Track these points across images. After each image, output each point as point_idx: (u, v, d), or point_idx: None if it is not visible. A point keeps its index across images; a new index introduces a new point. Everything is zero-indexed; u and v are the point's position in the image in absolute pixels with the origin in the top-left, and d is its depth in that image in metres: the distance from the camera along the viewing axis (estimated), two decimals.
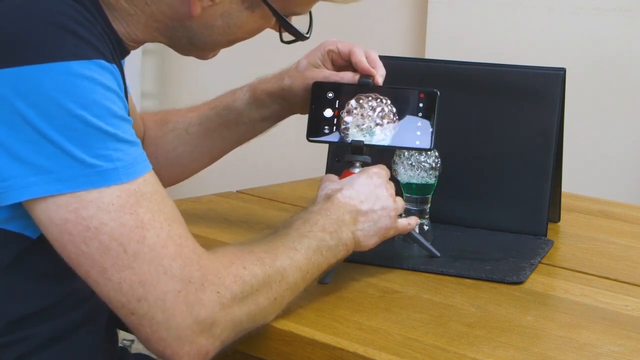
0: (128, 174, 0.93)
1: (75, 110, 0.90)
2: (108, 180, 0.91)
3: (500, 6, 2.36)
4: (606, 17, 2.26)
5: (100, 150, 0.91)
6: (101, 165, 0.91)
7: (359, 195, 1.15)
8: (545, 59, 2.19)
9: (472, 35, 2.39)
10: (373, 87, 1.27)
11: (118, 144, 0.93)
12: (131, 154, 0.94)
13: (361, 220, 1.15)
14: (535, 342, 1.04)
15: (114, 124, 0.93)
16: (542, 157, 1.44)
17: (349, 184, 1.17)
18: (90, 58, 0.92)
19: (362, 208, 1.15)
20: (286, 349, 1.04)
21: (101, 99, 0.92)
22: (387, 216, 1.17)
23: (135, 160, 0.94)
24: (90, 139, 0.91)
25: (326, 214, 1.12)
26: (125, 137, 0.94)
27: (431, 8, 2.42)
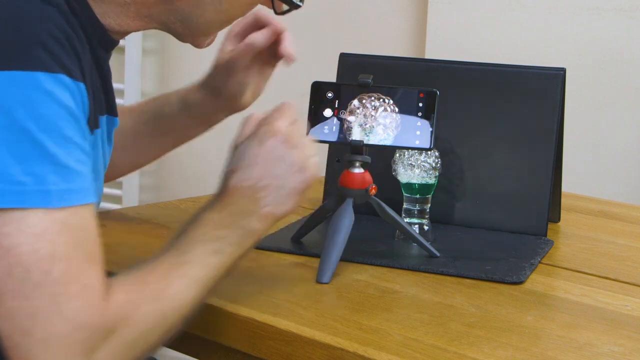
0: (58, 200, 0.89)
1: (23, 121, 0.87)
2: (36, 202, 0.87)
3: (500, 6, 2.36)
4: (606, 17, 2.26)
5: (35, 168, 0.87)
6: (32, 185, 0.87)
7: (256, 172, 1.08)
8: (545, 59, 2.19)
9: (472, 35, 2.39)
10: (373, 87, 1.27)
11: (57, 167, 0.89)
12: (70, 180, 0.90)
13: (263, 196, 1.07)
14: (535, 342, 1.04)
15: (60, 144, 0.89)
16: (542, 157, 1.44)
17: (243, 159, 1.09)
18: (53, 72, 0.90)
19: (260, 184, 1.07)
20: (286, 349, 1.04)
21: (53, 116, 0.89)
22: (297, 171, 1.09)
23: (72, 189, 0.90)
24: (29, 154, 0.87)
25: (221, 208, 1.06)
26: (67, 161, 0.90)
27: (431, 8, 2.42)
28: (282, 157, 1.09)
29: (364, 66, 1.53)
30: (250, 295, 1.14)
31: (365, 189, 1.25)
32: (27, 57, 0.89)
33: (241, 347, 1.09)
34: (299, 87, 1.70)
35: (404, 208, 1.36)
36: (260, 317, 1.07)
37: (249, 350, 1.08)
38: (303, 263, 1.27)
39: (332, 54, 1.59)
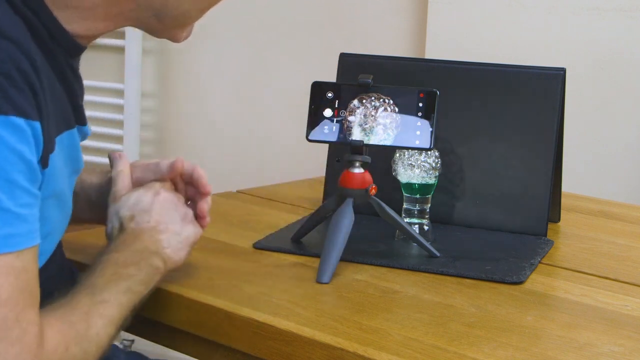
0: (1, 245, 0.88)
1: None
2: None
3: (500, 6, 2.35)
4: (606, 17, 2.25)
5: None
6: None
7: (154, 216, 1.12)
8: (545, 59, 2.19)
9: (472, 35, 2.39)
10: (373, 87, 1.27)
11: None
12: (11, 225, 0.89)
13: (163, 238, 1.12)
14: (535, 342, 1.04)
15: (3, 189, 0.88)
16: (542, 157, 1.44)
17: (139, 207, 1.13)
18: (4, 114, 0.87)
19: (160, 228, 1.12)
20: (286, 349, 1.04)
21: None
22: (190, 223, 1.15)
23: (14, 234, 0.89)
24: None
25: (124, 248, 1.08)
26: (9, 206, 0.88)
27: (431, 8, 2.42)
28: (176, 208, 1.15)
29: (364, 66, 1.53)
30: (250, 295, 1.14)
31: (365, 189, 1.25)
32: None
33: (241, 347, 1.09)
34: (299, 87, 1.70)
35: (404, 208, 1.36)
36: (260, 317, 1.07)
37: (249, 350, 1.08)
38: (303, 263, 1.27)
39: (332, 54, 1.59)
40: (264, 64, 2.71)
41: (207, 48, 2.74)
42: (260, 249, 1.32)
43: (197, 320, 1.13)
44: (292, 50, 2.67)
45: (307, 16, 2.64)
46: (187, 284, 1.16)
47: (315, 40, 2.62)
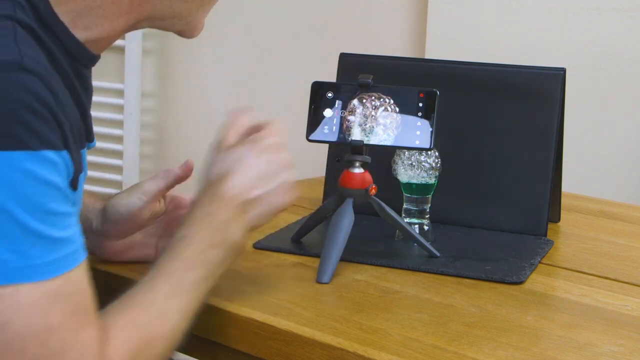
0: (47, 272, 0.89)
1: (4, 203, 0.86)
2: (23, 277, 0.87)
3: (500, 6, 2.35)
4: (606, 17, 2.25)
5: (19, 246, 0.87)
6: (16, 262, 0.87)
7: (249, 182, 1.07)
8: (545, 59, 2.19)
9: (472, 35, 2.39)
10: (373, 87, 1.27)
11: (41, 240, 0.88)
12: (56, 251, 0.90)
13: (250, 210, 1.08)
14: (535, 342, 1.04)
15: (43, 219, 0.89)
16: (542, 157, 1.44)
17: (239, 165, 1.08)
18: (33, 149, 0.88)
19: (250, 196, 1.07)
20: (286, 349, 1.04)
21: (34, 194, 0.88)
22: (284, 193, 1.10)
23: (59, 258, 0.90)
24: (11, 234, 0.87)
25: (210, 221, 1.05)
26: (52, 233, 0.89)
27: (431, 8, 2.42)
28: (276, 175, 1.10)
29: (364, 66, 1.52)
30: (250, 295, 1.14)
31: (365, 189, 1.25)
32: (6, 137, 0.87)
33: (241, 347, 1.09)
34: (299, 87, 1.70)
35: (404, 208, 1.36)
36: (260, 317, 1.07)
37: (249, 350, 1.08)
38: (303, 263, 1.27)
39: (332, 54, 1.59)
40: (264, 64, 2.71)
41: (207, 48, 2.74)
42: (260, 249, 1.32)
43: (197, 320, 1.12)
44: (292, 50, 2.67)
45: (308, 16, 2.64)
46: None
47: (316, 40, 2.62)
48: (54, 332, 0.89)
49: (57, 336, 0.89)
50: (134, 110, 2.82)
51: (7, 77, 0.88)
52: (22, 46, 0.92)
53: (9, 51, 0.90)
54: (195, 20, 1.12)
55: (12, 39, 0.92)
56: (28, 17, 0.96)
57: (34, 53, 0.94)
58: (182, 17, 1.10)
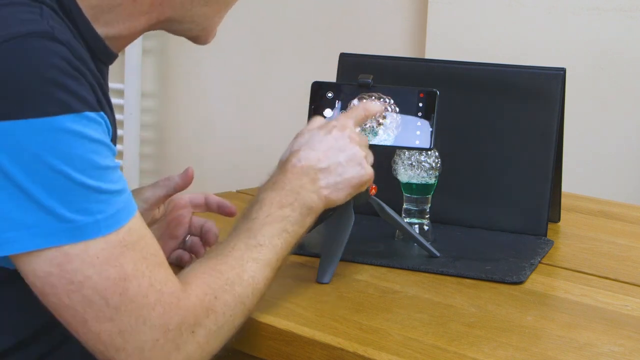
0: (110, 225, 0.92)
1: (58, 166, 0.90)
2: (90, 234, 0.91)
3: (500, 6, 2.36)
4: (606, 17, 2.25)
5: (81, 205, 0.91)
6: (82, 220, 0.91)
7: (317, 154, 1.13)
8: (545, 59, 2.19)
9: (472, 35, 2.39)
10: (373, 87, 1.27)
11: (100, 196, 0.92)
12: (114, 203, 0.93)
13: (321, 177, 1.13)
14: (535, 342, 1.04)
15: (97, 176, 0.92)
16: (542, 157, 1.44)
17: (307, 143, 1.15)
18: (78, 111, 0.91)
19: (320, 166, 1.13)
20: (286, 349, 1.04)
21: (85, 153, 0.91)
22: (356, 164, 1.15)
23: (118, 210, 0.93)
24: (72, 195, 0.90)
25: (281, 186, 1.11)
26: (108, 187, 0.93)
27: (431, 8, 2.42)
28: (344, 149, 1.15)
29: (364, 66, 1.52)
30: None
31: (365, 189, 1.25)
32: (48, 102, 0.90)
33: (241, 347, 1.09)
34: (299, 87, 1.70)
35: (404, 208, 1.36)
36: (260, 317, 1.07)
37: (249, 350, 1.08)
38: (303, 263, 1.27)
39: (332, 54, 1.59)
40: (264, 64, 2.71)
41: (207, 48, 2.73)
42: None
43: None
44: (292, 50, 2.67)
45: (308, 16, 2.64)
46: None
47: (315, 40, 2.62)
48: (129, 279, 0.92)
49: (134, 282, 0.93)
50: (134, 110, 2.82)
51: (42, 46, 0.91)
52: (50, 20, 0.95)
53: (39, 24, 0.93)
54: (211, 26, 1.15)
55: (39, 15, 0.95)
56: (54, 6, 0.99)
57: (62, 28, 0.97)
58: (200, 22, 1.13)
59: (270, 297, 1.13)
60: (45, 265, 0.90)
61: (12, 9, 0.95)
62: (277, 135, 2.71)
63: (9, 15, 0.94)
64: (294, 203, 1.10)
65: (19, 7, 0.95)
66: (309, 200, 1.11)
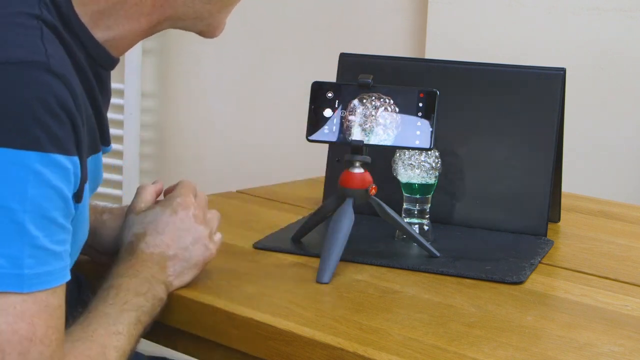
0: (36, 284, 0.89)
1: (7, 201, 0.87)
2: (13, 286, 0.88)
3: (500, 6, 2.35)
4: (606, 17, 2.25)
5: (13, 251, 0.87)
6: (8, 268, 0.87)
7: (165, 240, 1.13)
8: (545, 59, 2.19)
9: (472, 35, 2.39)
10: (373, 87, 1.27)
11: (34, 250, 0.89)
12: (46, 263, 0.90)
13: (169, 265, 1.12)
14: (535, 342, 1.04)
15: (42, 226, 0.89)
16: (542, 157, 1.44)
17: (152, 227, 1.13)
18: (46, 151, 0.88)
19: (169, 253, 1.13)
20: (286, 349, 1.04)
21: (39, 197, 0.88)
22: (202, 245, 1.15)
23: (48, 272, 0.90)
24: (9, 236, 0.87)
25: (134, 273, 1.09)
26: (46, 243, 0.90)
27: (431, 8, 2.42)
28: (190, 230, 1.14)
29: (364, 66, 1.52)
30: (250, 295, 1.14)
31: (365, 189, 1.25)
32: (22, 135, 0.87)
33: (241, 347, 1.09)
34: (299, 87, 1.70)
35: (404, 208, 1.36)
36: (260, 317, 1.07)
37: (249, 350, 1.08)
38: (303, 263, 1.27)
39: (332, 54, 1.59)
40: (264, 64, 2.71)
41: (207, 48, 2.73)
42: (260, 249, 1.32)
43: (197, 320, 1.13)
44: (292, 50, 2.67)
45: (308, 16, 2.64)
46: (187, 284, 1.16)
47: (315, 40, 2.62)
48: (35, 343, 0.89)
49: (38, 348, 0.90)
50: (134, 110, 2.82)
51: (32, 78, 0.89)
52: (49, 46, 0.93)
53: (36, 51, 0.91)
54: (217, 21, 1.13)
55: (39, 38, 0.93)
56: (52, 16, 0.97)
57: (59, 54, 0.94)
58: (204, 18, 1.11)
59: (270, 297, 1.13)
60: None
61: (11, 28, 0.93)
62: (277, 135, 2.71)
63: (7, 35, 0.92)
64: (147, 293, 1.08)
65: (18, 28, 0.93)
66: (159, 291, 1.10)
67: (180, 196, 1.17)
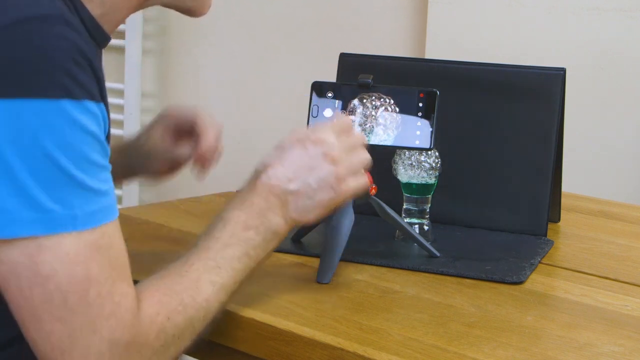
0: (87, 222, 0.91)
1: (51, 150, 0.89)
2: (66, 227, 0.90)
3: (500, 6, 2.36)
4: (606, 17, 2.26)
5: (63, 195, 0.90)
6: (60, 212, 0.89)
7: (287, 173, 1.09)
8: (545, 59, 2.19)
9: (472, 35, 2.39)
10: (373, 87, 1.27)
11: (83, 192, 0.91)
12: (95, 202, 0.92)
13: (291, 200, 1.09)
14: (535, 342, 1.04)
15: (85, 169, 0.91)
16: (542, 157, 1.44)
17: (279, 158, 1.10)
18: (78, 98, 0.91)
19: (289, 188, 1.08)
20: (286, 349, 1.04)
21: (77, 142, 0.91)
22: (328, 187, 1.09)
23: (98, 210, 0.92)
24: (57, 183, 0.90)
25: (248, 206, 1.07)
26: (93, 184, 0.92)
27: (431, 8, 2.42)
28: (318, 169, 1.09)
29: (364, 66, 1.53)
30: (250, 296, 1.14)
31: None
32: (52, 85, 0.90)
33: (241, 347, 1.09)
34: (299, 87, 1.70)
35: (404, 208, 1.36)
36: (260, 317, 1.07)
37: (249, 350, 1.08)
38: (303, 263, 1.27)
39: (332, 54, 1.59)
40: (264, 64, 2.71)
41: (207, 48, 2.74)
42: None
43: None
44: (292, 50, 2.67)
45: (307, 16, 2.64)
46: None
47: (315, 40, 2.62)
48: (92, 283, 0.91)
49: (96, 288, 0.91)
50: (134, 110, 2.82)
51: (52, 30, 0.91)
52: (60, 4, 0.95)
53: (51, 6, 0.93)
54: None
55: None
56: None
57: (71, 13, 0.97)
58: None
59: (270, 297, 1.13)
60: (16, 254, 0.89)
61: None
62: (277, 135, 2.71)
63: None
64: (260, 227, 1.07)
65: None
66: (275, 224, 1.08)
67: (317, 132, 1.12)
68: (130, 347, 0.93)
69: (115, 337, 0.92)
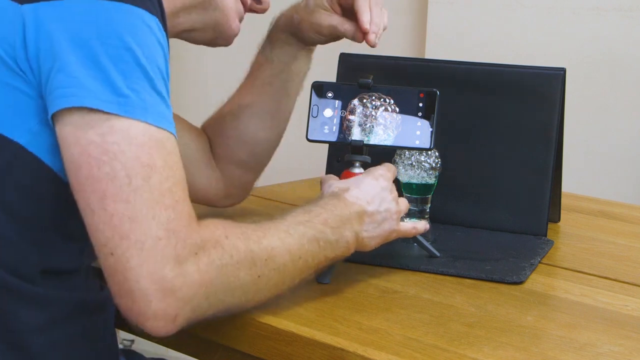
0: (156, 119, 0.96)
1: (131, 46, 0.95)
2: (138, 114, 0.95)
3: (500, 6, 2.36)
4: (606, 17, 2.26)
5: (137, 87, 0.95)
6: (135, 99, 0.95)
7: (366, 196, 1.15)
8: (545, 59, 2.19)
9: (472, 35, 2.39)
10: (373, 87, 1.27)
11: (153, 92, 0.97)
12: (164, 108, 0.97)
13: (367, 221, 1.14)
14: (535, 342, 1.04)
15: (155, 73, 0.97)
16: (542, 157, 1.44)
17: (355, 184, 1.17)
18: (152, 13, 0.98)
19: (368, 209, 1.15)
20: (286, 349, 1.04)
21: (152, 47, 0.98)
22: (391, 219, 1.17)
23: (165, 116, 0.97)
24: (134, 74, 0.95)
25: (331, 209, 1.12)
26: (161, 89, 0.98)
27: (431, 8, 2.42)
28: (387, 200, 1.17)
29: (364, 66, 1.53)
30: None
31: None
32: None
33: (241, 347, 1.09)
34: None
35: None
36: (260, 317, 1.07)
37: (249, 350, 1.08)
38: None
39: (332, 54, 1.59)
40: None
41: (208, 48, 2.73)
42: None
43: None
44: None
45: None
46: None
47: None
48: (156, 171, 0.94)
49: (158, 176, 0.94)
50: None
51: None
52: None
53: None
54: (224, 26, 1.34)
55: None
56: None
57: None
58: None
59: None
60: (90, 133, 0.93)
61: None
62: None
63: None
64: (335, 229, 1.10)
65: None
66: (348, 236, 1.12)
67: (382, 169, 1.21)
68: (187, 243, 0.94)
69: (173, 227, 0.93)
